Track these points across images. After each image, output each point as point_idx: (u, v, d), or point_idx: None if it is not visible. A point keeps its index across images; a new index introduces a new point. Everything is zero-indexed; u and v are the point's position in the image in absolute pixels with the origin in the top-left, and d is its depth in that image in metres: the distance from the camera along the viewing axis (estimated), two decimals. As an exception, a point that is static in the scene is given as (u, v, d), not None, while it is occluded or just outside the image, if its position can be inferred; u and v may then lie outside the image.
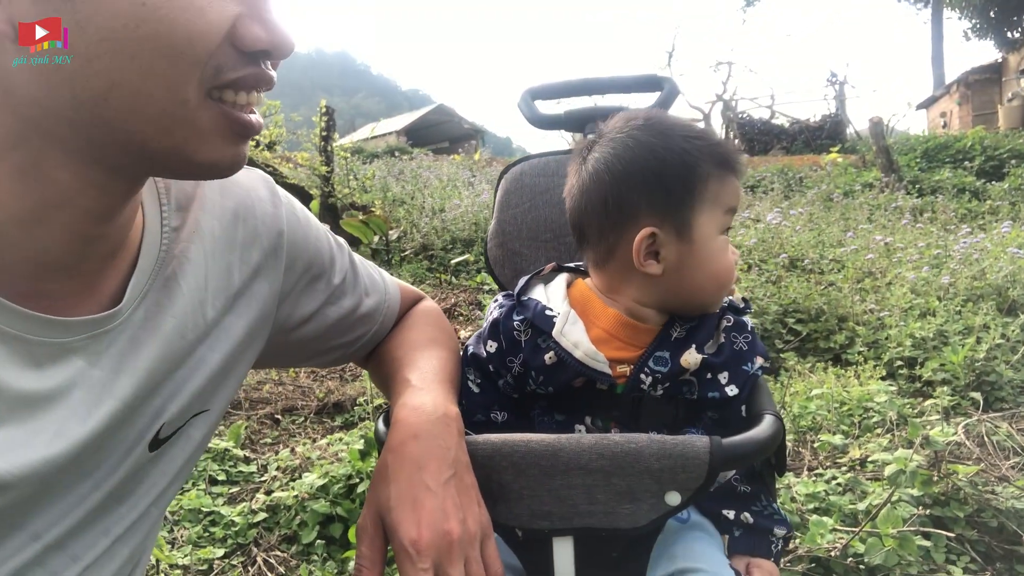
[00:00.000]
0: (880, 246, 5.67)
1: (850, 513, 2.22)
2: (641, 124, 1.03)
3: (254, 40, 0.66)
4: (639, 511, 0.89)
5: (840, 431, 2.90)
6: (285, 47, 0.69)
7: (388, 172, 11.11)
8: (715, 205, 1.01)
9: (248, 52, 0.66)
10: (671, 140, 1.00)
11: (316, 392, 3.64)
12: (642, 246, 0.99)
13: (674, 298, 1.04)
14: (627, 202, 1.00)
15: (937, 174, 10.36)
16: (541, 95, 1.52)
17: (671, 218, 0.99)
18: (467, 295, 5.47)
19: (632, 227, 1.00)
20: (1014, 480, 2.36)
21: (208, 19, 0.63)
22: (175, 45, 0.61)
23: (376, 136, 22.81)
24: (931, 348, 3.59)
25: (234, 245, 0.88)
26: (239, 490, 2.61)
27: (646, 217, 1.00)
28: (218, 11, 0.63)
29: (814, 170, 12.01)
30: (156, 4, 0.60)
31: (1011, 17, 16.08)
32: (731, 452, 0.88)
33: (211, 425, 0.91)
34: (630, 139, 1.02)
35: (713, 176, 1.00)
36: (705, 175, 1.00)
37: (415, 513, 0.79)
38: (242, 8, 0.65)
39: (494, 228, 1.39)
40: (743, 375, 1.03)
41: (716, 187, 1.01)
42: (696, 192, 0.99)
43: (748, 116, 22.39)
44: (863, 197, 8.95)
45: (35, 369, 0.68)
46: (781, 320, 4.25)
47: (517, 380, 1.07)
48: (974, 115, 20.05)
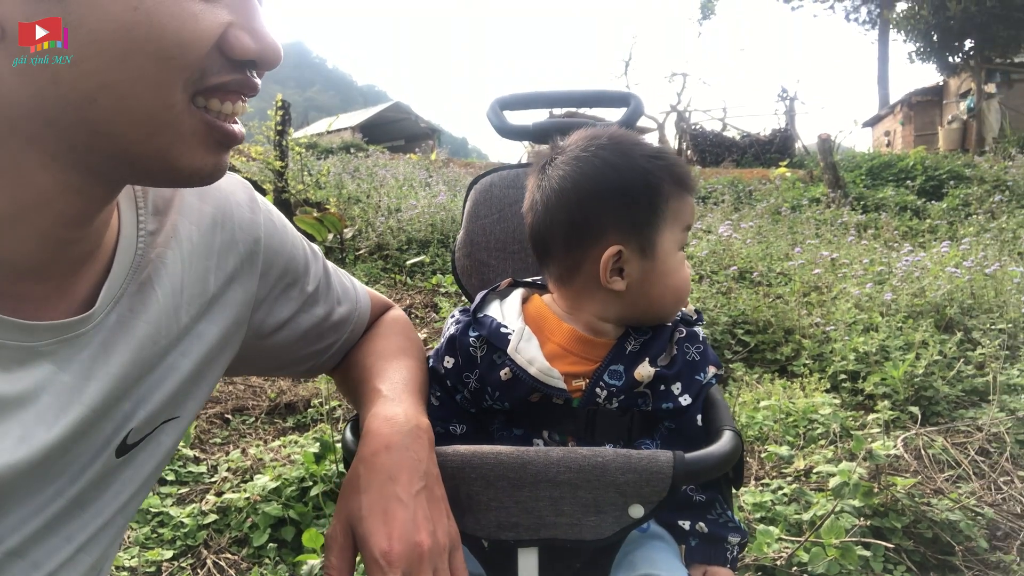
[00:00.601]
0: (826, 261, 5.83)
1: (795, 523, 2.29)
2: (605, 143, 1.05)
3: (243, 49, 0.67)
4: (604, 523, 0.91)
5: (786, 442, 2.99)
6: (273, 57, 0.70)
7: (343, 169, 10.99)
8: (675, 223, 1.04)
9: (236, 60, 0.67)
10: (635, 160, 1.03)
11: (268, 392, 3.59)
12: (608, 263, 1.01)
13: (634, 312, 1.07)
14: (594, 220, 1.02)
15: (881, 191, 10.67)
16: (510, 105, 1.53)
17: (636, 236, 1.02)
18: (423, 297, 5.45)
19: (598, 245, 1.02)
20: (948, 493, 2.46)
21: (200, 26, 0.63)
22: (166, 49, 0.62)
23: (331, 131, 22.54)
24: (873, 363, 3.71)
25: (212, 251, 0.87)
26: (188, 491, 2.57)
27: (612, 235, 1.02)
28: (210, 19, 0.64)
29: (763, 183, 12.27)
30: (149, 9, 0.60)
31: (952, 42, 16.65)
32: (693, 467, 0.91)
33: (180, 432, 0.90)
34: (596, 158, 1.03)
35: (673, 195, 1.03)
36: (667, 194, 1.03)
37: (386, 524, 0.79)
38: (233, 17, 0.66)
39: (462, 238, 1.40)
40: (696, 385, 1.07)
41: (676, 205, 1.04)
42: (659, 211, 1.02)
43: (701, 128, 22.78)
44: (810, 212, 9.18)
45: (4, 372, 0.67)
46: (730, 331, 4.35)
47: (474, 395, 1.09)
48: (916, 135, 20.74)
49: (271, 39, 0.69)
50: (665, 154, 1.06)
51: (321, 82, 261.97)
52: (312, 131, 23.49)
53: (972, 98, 17.32)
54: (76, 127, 0.62)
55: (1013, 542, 2.25)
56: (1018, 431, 2.97)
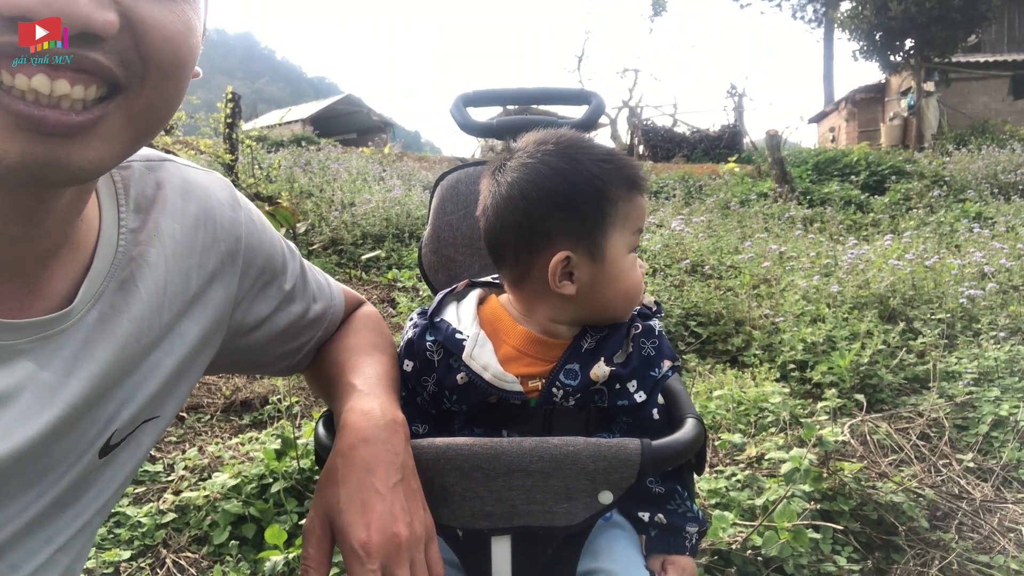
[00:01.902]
0: (775, 254, 5.98)
1: (748, 508, 2.36)
2: (552, 149, 1.06)
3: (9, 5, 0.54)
4: (575, 509, 0.95)
5: (738, 430, 3.06)
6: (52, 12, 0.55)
7: (295, 162, 10.84)
8: (624, 226, 1.06)
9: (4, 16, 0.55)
10: (582, 165, 1.04)
11: (223, 390, 3.55)
12: (557, 269, 1.03)
13: (586, 314, 1.09)
14: (542, 227, 1.04)
15: (826, 186, 10.95)
16: (473, 102, 1.55)
17: (584, 241, 1.04)
18: (379, 292, 5.43)
19: (547, 250, 1.04)
20: (892, 476, 2.56)
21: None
22: None
23: (282, 124, 22.17)
24: (820, 352, 3.83)
25: (194, 249, 0.88)
26: (145, 490, 2.53)
27: (560, 241, 1.03)
28: None
29: (713, 178, 12.49)
30: None
31: (894, 42, 17.17)
32: (659, 453, 0.95)
33: (160, 431, 0.90)
34: (543, 165, 1.04)
35: (622, 198, 1.05)
36: (615, 198, 1.04)
37: (365, 516, 0.81)
38: None
39: (429, 234, 1.41)
40: (651, 380, 1.09)
41: (625, 208, 1.05)
42: (607, 215, 1.04)
43: (652, 123, 23.06)
44: (758, 206, 9.38)
45: None
46: (683, 323, 4.44)
47: (433, 398, 1.11)
48: (860, 131, 21.34)
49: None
50: (614, 157, 1.07)
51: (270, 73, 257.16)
52: (262, 123, 23.07)
53: (912, 96, 17.90)
54: None
55: (952, 521, 2.36)
56: (956, 416, 3.11)
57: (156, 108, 0.66)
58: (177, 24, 0.64)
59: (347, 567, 0.80)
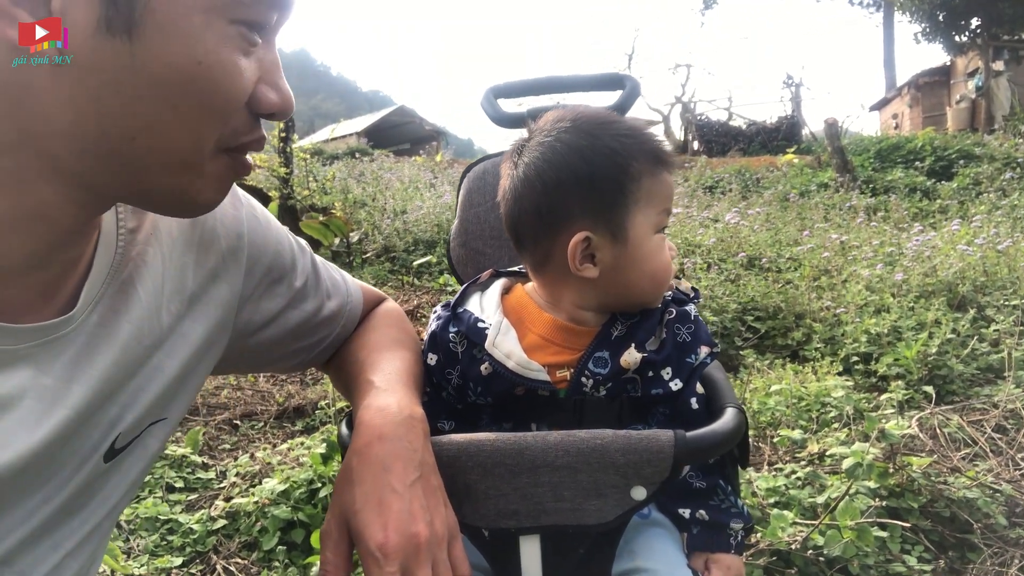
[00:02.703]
0: (836, 244, 5.78)
1: (809, 506, 2.26)
2: (568, 126, 1.01)
3: (270, 105, 0.70)
4: (606, 507, 0.89)
5: (799, 426, 2.95)
6: (290, 110, 0.73)
7: (348, 174, 11.01)
8: (649, 204, 1.00)
9: (259, 114, 0.70)
10: (599, 140, 0.98)
11: (276, 397, 3.59)
12: (577, 250, 0.98)
13: (612, 299, 1.03)
14: (560, 207, 0.99)
15: (890, 174, 10.59)
16: (504, 93, 1.51)
17: (604, 220, 0.98)
18: (430, 297, 5.44)
19: (566, 232, 0.99)
20: (965, 471, 2.42)
21: (242, 83, 0.66)
22: (214, 104, 0.65)
23: (336, 137, 22.60)
24: (885, 344, 3.67)
25: (191, 246, 0.86)
26: (197, 497, 2.56)
27: (579, 221, 0.98)
28: (249, 75, 0.67)
29: (771, 171, 12.21)
30: (212, 64, 0.63)
31: (958, 21, 16.54)
32: (695, 445, 0.89)
33: (167, 434, 0.88)
34: (558, 142, 0.99)
35: (646, 175, 0.99)
36: (637, 174, 0.98)
37: (381, 516, 0.77)
38: (261, 72, 0.69)
39: (457, 227, 1.38)
40: (687, 368, 1.03)
41: (649, 185, 0.99)
42: (628, 192, 0.98)
43: (706, 118, 22.73)
44: (819, 197, 9.13)
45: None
46: (740, 318, 4.31)
47: (458, 391, 1.07)
48: (924, 116, 20.61)
49: (289, 92, 0.72)
50: (637, 131, 1.01)
51: (325, 90, 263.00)
52: (317, 138, 23.55)
53: (980, 76, 17.19)
54: (106, 158, 0.64)
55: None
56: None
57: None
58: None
59: (365, 570, 0.77)
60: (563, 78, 1.59)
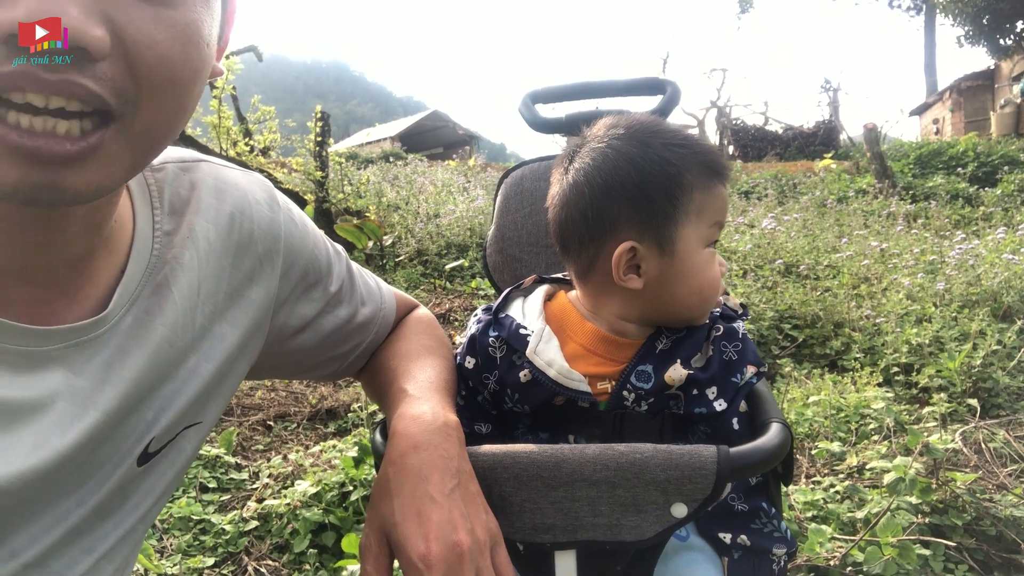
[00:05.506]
0: (875, 252, 5.67)
1: (848, 521, 2.20)
2: (622, 133, 0.99)
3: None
4: (645, 523, 0.87)
5: (837, 438, 2.89)
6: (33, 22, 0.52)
7: (383, 177, 11.08)
8: (700, 217, 0.97)
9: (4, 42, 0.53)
10: (652, 149, 0.96)
11: (309, 398, 3.61)
12: (622, 260, 0.96)
13: (656, 312, 1.01)
14: (606, 215, 0.97)
15: (930, 180, 10.38)
16: (541, 99, 1.50)
17: (652, 231, 0.96)
18: (462, 300, 5.44)
19: (612, 241, 0.97)
20: (1012, 488, 2.34)
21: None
22: None
23: (371, 142, 22.78)
24: (927, 354, 3.58)
25: (228, 249, 0.85)
26: (230, 498, 2.58)
27: (626, 230, 0.96)
28: None
29: (808, 176, 12.03)
30: None
31: (1004, 24, 16.17)
32: (739, 462, 0.86)
33: (202, 437, 0.88)
34: (610, 149, 0.98)
35: (698, 187, 0.96)
36: (689, 186, 0.96)
37: (422, 526, 0.75)
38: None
39: (493, 234, 1.36)
40: (732, 387, 0.99)
41: (701, 198, 0.97)
42: (679, 204, 0.96)
43: (742, 122, 22.50)
44: (857, 203, 8.96)
45: (14, 378, 0.65)
46: (777, 326, 4.24)
47: (494, 397, 1.05)
48: (967, 122, 20.13)
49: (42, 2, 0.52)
50: (691, 142, 0.99)
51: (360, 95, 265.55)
52: (352, 143, 23.79)
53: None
54: None
55: (1085, 539, 2.13)
56: (1086, 423, 2.84)
57: (157, 128, 0.63)
58: (174, 41, 0.59)
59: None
60: (602, 83, 1.57)
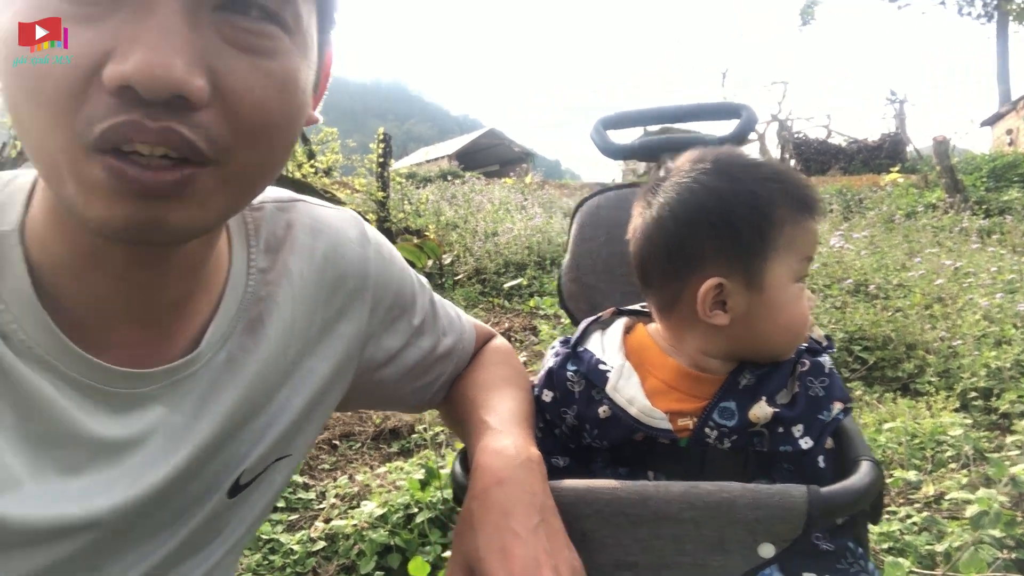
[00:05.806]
0: (948, 271, 5.48)
1: (927, 554, 2.12)
2: (708, 167, 0.97)
3: (112, 76, 0.53)
4: (730, 563, 0.85)
5: (913, 466, 2.79)
6: (148, 77, 0.52)
7: (441, 196, 11.21)
8: (789, 252, 0.95)
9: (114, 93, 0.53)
10: (741, 183, 0.95)
11: (373, 418, 3.65)
12: (708, 296, 0.94)
13: (741, 348, 0.99)
14: (692, 250, 0.96)
15: (1005, 194, 10.02)
16: (613, 124, 1.49)
17: (740, 267, 0.94)
18: (521, 319, 5.45)
19: (697, 276, 0.95)
20: (1108, 523, 2.22)
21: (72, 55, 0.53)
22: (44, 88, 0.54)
23: (429, 160, 23.11)
24: (1008, 379, 3.44)
25: (322, 287, 0.87)
26: (298, 517, 2.62)
27: (712, 266, 0.95)
28: (86, 49, 0.53)
29: (874, 191, 11.73)
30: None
31: (1080, 32, 15.56)
32: (830, 502, 0.84)
33: (292, 469, 0.89)
34: (696, 183, 0.96)
35: (789, 222, 0.94)
36: (780, 221, 0.94)
37: (506, 562, 0.75)
38: (115, 42, 0.53)
39: (568, 262, 1.36)
40: (819, 425, 0.96)
41: (792, 233, 0.95)
42: (769, 239, 0.94)
43: (804, 136, 22.08)
44: (926, 218, 8.69)
45: (115, 417, 0.67)
46: (847, 348, 4.13)
47: (572, 431, 1.04)
48: (1042, 133, 19.39)
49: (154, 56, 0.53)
50: (783, 175, 0.97)
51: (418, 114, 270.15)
52: (411, 161, 24.18)
53: (1105, 90, 16.06)
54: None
55: None
56: None
57: (251, 172, 0.64)
58: (271, 89, 0.60)
59: None
60: (676, 108, 1.56)
